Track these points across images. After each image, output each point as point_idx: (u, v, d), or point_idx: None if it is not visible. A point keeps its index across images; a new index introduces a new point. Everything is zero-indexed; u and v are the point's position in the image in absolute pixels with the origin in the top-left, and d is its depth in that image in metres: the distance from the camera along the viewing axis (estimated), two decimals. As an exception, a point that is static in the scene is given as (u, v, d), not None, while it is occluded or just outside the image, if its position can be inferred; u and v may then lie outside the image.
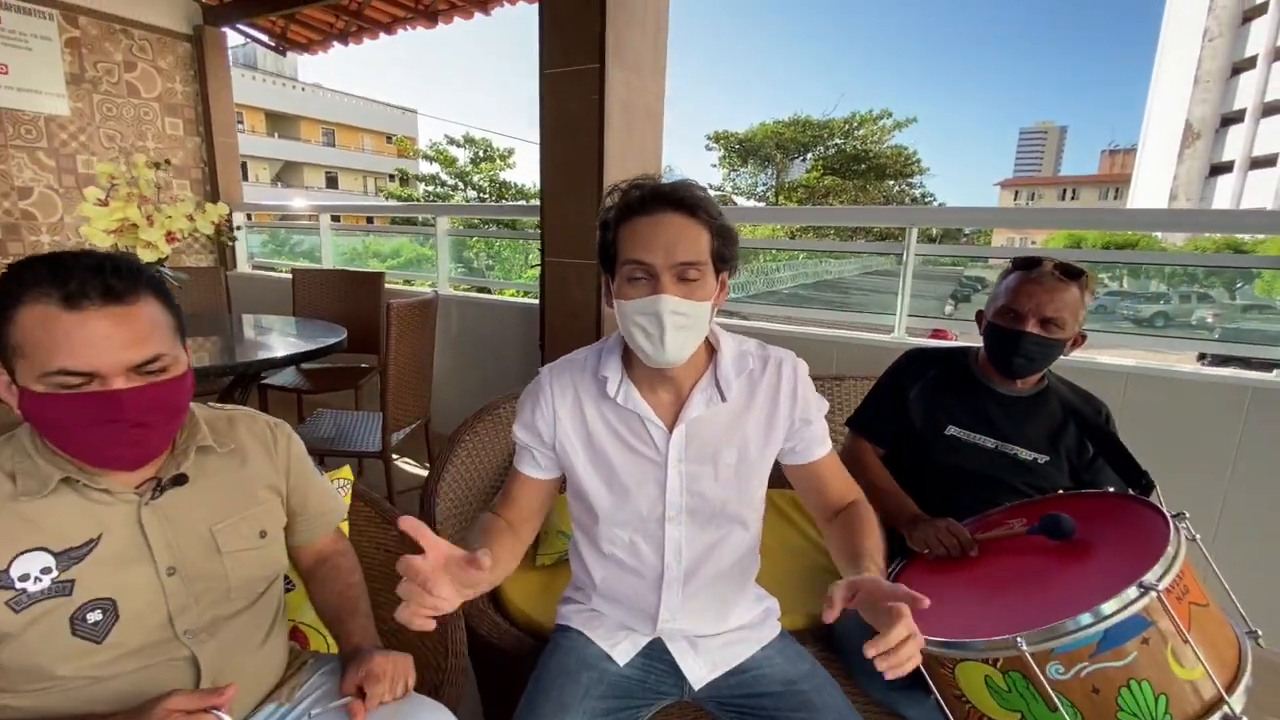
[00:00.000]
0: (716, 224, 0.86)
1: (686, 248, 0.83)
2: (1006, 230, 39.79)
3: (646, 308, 0.83)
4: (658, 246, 0.83)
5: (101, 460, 0.70)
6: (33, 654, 0.67)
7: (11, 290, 0.65)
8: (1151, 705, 0.81)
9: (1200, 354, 4.14)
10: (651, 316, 0.83)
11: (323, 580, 0.96)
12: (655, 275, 0.83)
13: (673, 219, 0.84)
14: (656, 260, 0.82)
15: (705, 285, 0.85)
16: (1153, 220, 2.92)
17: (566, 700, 0.88)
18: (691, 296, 0.83)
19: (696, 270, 0.83)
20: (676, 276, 0.83)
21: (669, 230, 0.83)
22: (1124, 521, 0.99)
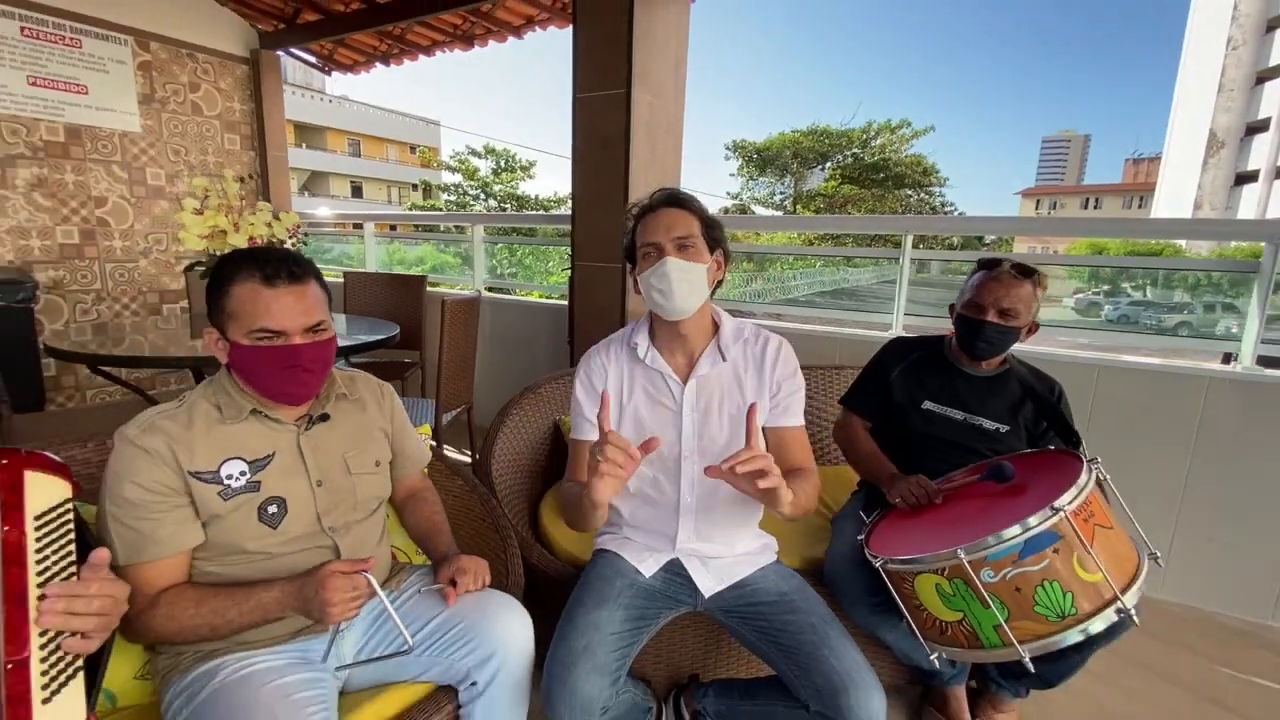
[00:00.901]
0: (702, 215, 1.19)
1: (681, 227, 1.15)
2: (1030, 239, 39.50)
3: (657, 270, 1.13)
4: (661, 230, 1.15)
5: (280, 395, 0.97)
6: (232, 533, 0.94)
7: (227, 273, 0.92)
8: (1060, 600, 1.04)
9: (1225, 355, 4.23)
10: (662, 276, 1.13)
11: (414, 508, 1.23)
12: (662, 249, 1.14)
13: (669, 211, 1.17)
14: (660, 239, 1.14)
15: (700, 253, 1.16)
16: (1114, 229, 3.09)
17: (605, 596, 1.13)
18: (688, 258, 1.14)
19: (690, 241, 1.15)
20: (676, 247, 1.14)
21: (668, 218, 1.16)
22: (1054, 468, 1.21)
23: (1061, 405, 1.51)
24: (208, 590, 0.91)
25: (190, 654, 0.93)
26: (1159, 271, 13.72)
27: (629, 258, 1.23)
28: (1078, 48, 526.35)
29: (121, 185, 3.97)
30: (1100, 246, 21.60)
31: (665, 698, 1.42)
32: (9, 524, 0.70)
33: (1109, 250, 21.56)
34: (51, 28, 3.60)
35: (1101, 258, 4.78)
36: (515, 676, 1.01)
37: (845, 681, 1.03)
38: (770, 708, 1.17)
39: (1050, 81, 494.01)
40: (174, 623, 0.87)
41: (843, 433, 1.67)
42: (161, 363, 2.28)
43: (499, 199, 21.56)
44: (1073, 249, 23.84)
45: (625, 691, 1.15)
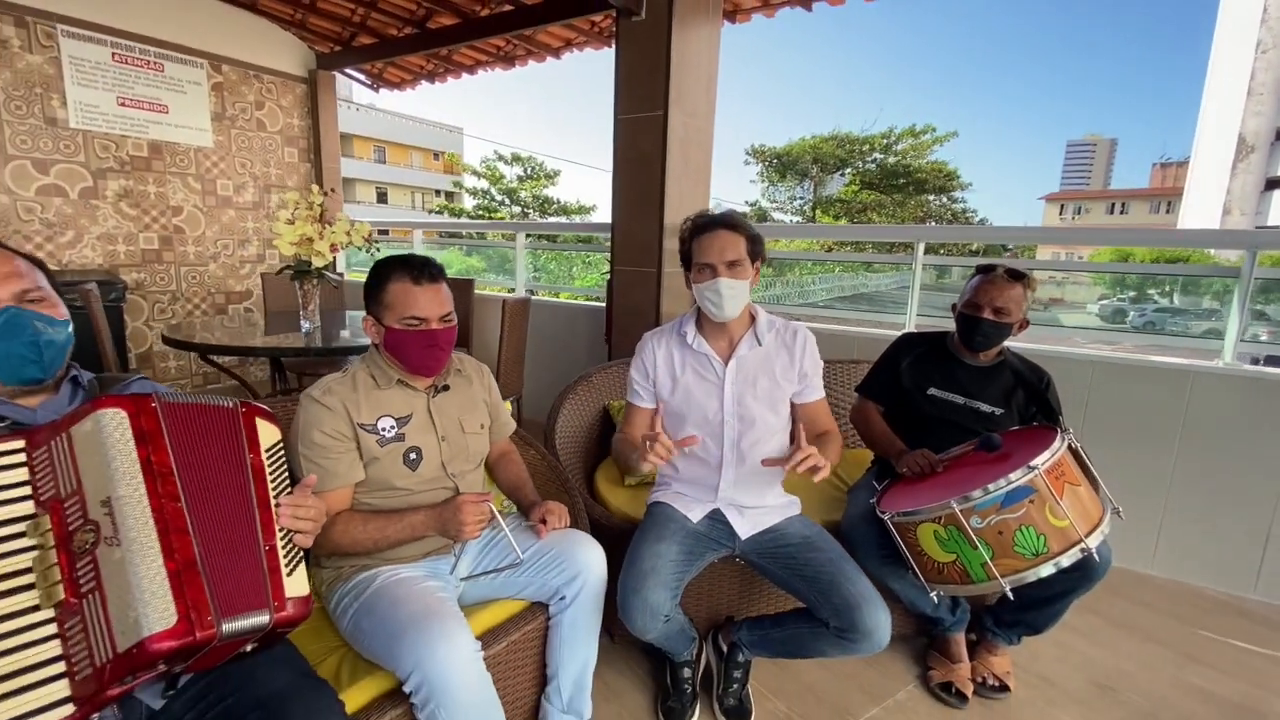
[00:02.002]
0: (749, 234, 1.44)
1: (732, 250, 1.40)
2: (1053, 245, 39.04)
3: (711, 286, 1.39)
4: (714, 252, 1.40)
5: (420, 368, 1.25)
6: (384, 472, 1.22)
7: (384, 274, 1.21)
8: (1035, 541, 1.28)
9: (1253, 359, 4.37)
10: (715, 291, 1.39)
11: (504, 465, 1.51)
12: (715, 270, 1.39)
13: (723, 233, 1.42)
14: (714, 260, 1.39)
15: (745, 270, 1.42)
16: (1101, 238, 3.27)
17: (663, 534, 1.40)
18: (735, 277, 1.40)
19: (739, 263, 1.40)
20: (727, 267, 1.39)
21: (721, 241, 1.40)
22: (1036, 439, 1.45)
23: (1049, 393, 1.74)
24: (371, 514, 1.19)
25: (349, 566, 1.21)
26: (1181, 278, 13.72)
27: (684, 264, 1.50)
28: (1105, 51, 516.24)
29: (195, 195, 4.35)
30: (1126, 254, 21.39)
31: (705, 635, 1.68)
32: (253, 452, 0.99)
33: (1135, 257, 21.35)
34: (138, 53, 3.98)
35: (1093, 263, 4.85)
36: (594, 592, 1.28)
37: (858, 600, 1.28)
38: (796, 630, 1.43)
39: (1076, 85, 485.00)
40: (347, 536, 1.15)
41: (859, 415, 1.91)
42: (253, 352, 2.63)
43: (524, 204, 21.99)
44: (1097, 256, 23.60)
45: (678, 614, 1.41)
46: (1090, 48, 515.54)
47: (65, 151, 3.73)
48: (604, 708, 1.55)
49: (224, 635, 0.82)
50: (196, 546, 0.84)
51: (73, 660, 0.79)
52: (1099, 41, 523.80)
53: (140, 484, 0.84)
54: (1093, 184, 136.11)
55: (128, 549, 0.80)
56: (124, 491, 0.83)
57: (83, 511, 0.83)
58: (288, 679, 0.93)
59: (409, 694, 1.03)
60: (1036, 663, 1.80)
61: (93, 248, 3.94)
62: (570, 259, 9.10)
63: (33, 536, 0.83)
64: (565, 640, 1.27)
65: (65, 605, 0.80)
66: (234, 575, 0.87)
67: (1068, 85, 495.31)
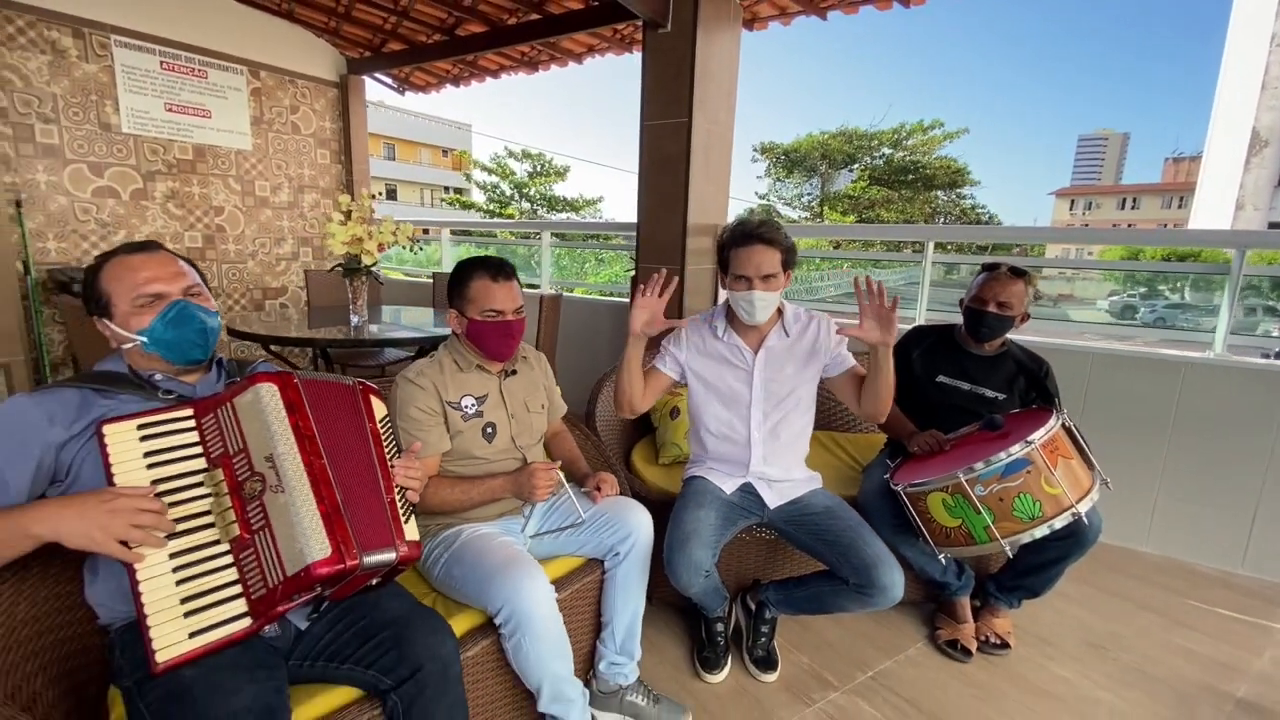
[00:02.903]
0: (784, 246, 1.58)
1: (768, 265, 1.55)
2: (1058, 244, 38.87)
3: (745, 297, 1.55)
4: (751, 266, 1.55)
5: (496, 354, 1.44)
6: (466, 444, 1.41)
7: (467, 271, 1.41)
8: (1032, 506, 1.46)
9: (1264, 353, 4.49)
10: (749, 302, 1.55)
11: (559, 442, 1.70)
12: (751, 283, 1.55)
13: (759, 248, 1.55)
14: (750, 273, 1.55)
15: (778, 282, 1.57)
16: (1096, 237, 3.42)
17: (702, 502, 1.59)
18: (769, 290, 1.55)
19: (774, 277, 1.55)
20: (762, 280, 1.54)
21: (758, 256, 1.55)
22: (1034, 419, 1.63)
23: (1048, 380, 1.91)
24: (457, 479, 1.39)
25: (434, 525, 1.41)
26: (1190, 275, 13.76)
27: (721, 267, 1.66)
28: (1118, 45, 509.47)
29: (235, 196, 4.56)
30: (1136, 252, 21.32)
31: (735, 597, 1.87)
32: (370, 422, 1.18)
33: (1146, 255, 21.24)
34: (184, 61, 4.19)
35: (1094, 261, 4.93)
36: (643, 549, 1.47)
37: (875, 560, 1.47)
38: (818, 589, 1.61)
39: (1089, 79, 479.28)
40: (437, 497, 1.35)
41: (873, 401, 2.09)
42: (313, 343, 2.84)
43: (533, 201, 22.20)
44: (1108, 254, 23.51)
45: (715, 573, 1.60)
46: (1103, 42, 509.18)
47: (118, 155, 3.95)
48: (646, 658, 1.74)
49: (364, 566, 1.01)
50: (339, 494, 1.04)
51: (248, 582, 0.99)
52: (1112, 35, 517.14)
53: (293, 444, 1.04)
54: (1104, 179, 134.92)
55: (290, 495, 1.00)
56: (282, 449, 1.03)
57: (249, 466, 1.03)
58: (408, 606, 1.12)
59: (499, 625, 1.22)
60: (1035, 625, 1.97)
61: (141, 246, 4.16)
62: (583, 257, 9.28)
63: (208, 486, 1.02)
64: (619, 591, 1.46)
65: (240, 540, 1.00)
66: (367, 520, 1.06)
67: (1080, 80, 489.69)
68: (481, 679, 1.26)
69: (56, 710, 0.97)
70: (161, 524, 0.94)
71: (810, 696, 1.64)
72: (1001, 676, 1.74)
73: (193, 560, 0.98)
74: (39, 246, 3.70)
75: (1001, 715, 1.59)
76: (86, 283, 1.10)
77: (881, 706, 1.61)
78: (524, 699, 1.34)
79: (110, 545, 0.89)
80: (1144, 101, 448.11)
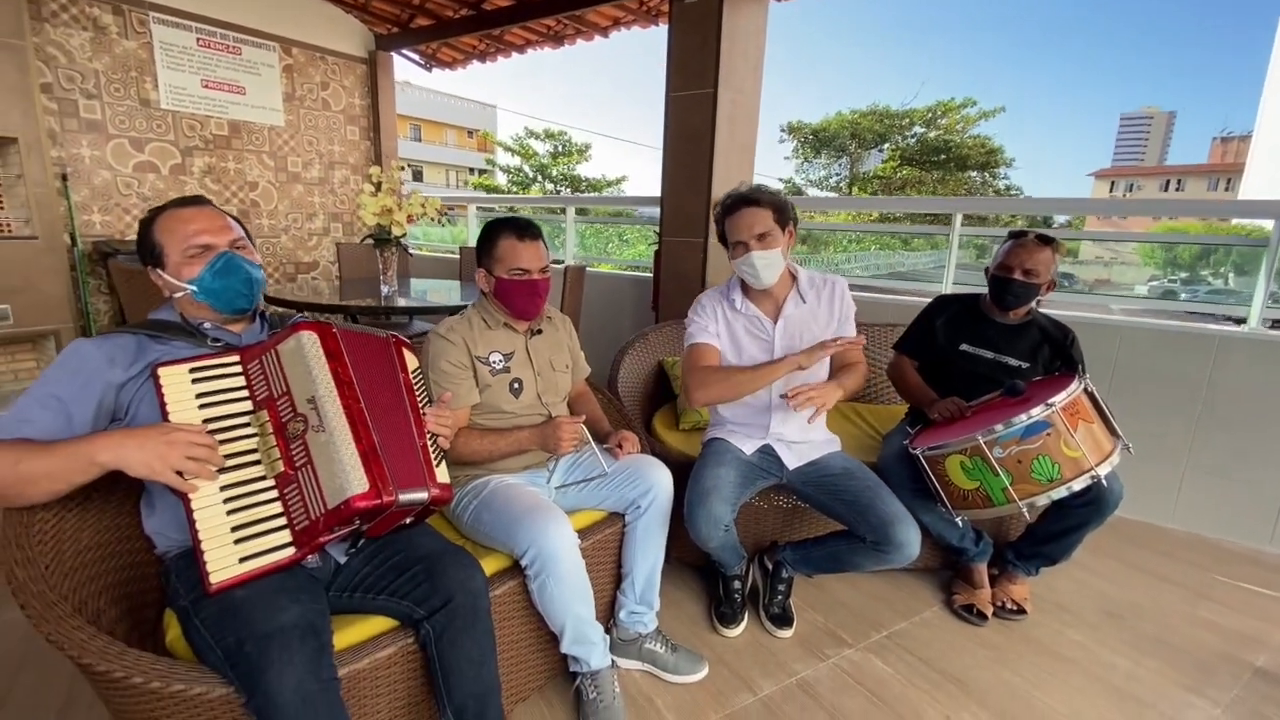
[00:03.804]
0: (774, 203, 1.58)
1: (759, 224, 1.56)
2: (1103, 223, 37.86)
3: (746, 260, 1.57)
4: (743, 230, 1.57)
5: (522, 312, 1.49)
6: (494, 397, 1.47)
7: (495, 231, 1.45)
8: (1050, 469, 1.47)
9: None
10: (750, 264, 1.57)
11: (582, 403, 1.75)
12: (747, 246, 1.56)
13: (747, 211, 1.57)
14: (744, 237, 1.56)
15: (775, 239, 1.57)
16: (1125, 207, 3.31)
17: (722, 461, 1.62)
18: (767, 248, 1.56)
19: (768, 234, 1.56)
20: (757, 240, 1.56)
21: (748, 217, 1.56)
22: (1056, 384, 1.62)
23: (1073, 348, 1.90)
24: (486, 430, 1.45)
25: (464, 475, 1.47)
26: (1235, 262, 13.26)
27: (722, 242, 1.68)
28: (1164, 20, 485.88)
29: (269, 172, 4.67)
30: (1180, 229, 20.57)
31: (752, 558, 1.91)
32: (403, 372, 1.24)
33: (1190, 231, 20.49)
34: (219, 37, 4.28)
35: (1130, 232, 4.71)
36: (663, 505, 1.51)
37: (893, 518, 1.49)
38: (835, 547, 1.65)
39: (1133, 56, 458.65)
40: (468, 447, 1.41)
41: (895, 370, 2.10)
42: (340, 309, 2.92)
43: (555, 181, 22.22)
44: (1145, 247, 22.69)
45: (734, 529, 1.64)
46: (1149, 15, 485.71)
47: (157, 131, 4.07)
48: (665, 613, 1.79)
49: (400, 503, 1.07)
50: (375, 436, 1.10)
51: (292, 515, 1.05)
52: (1158, 8, 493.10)
53: (333, 388, 1.10)
54: (1147, 160, 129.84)
55: (330, 435, 1.06)
56: (323, 393, 1.08)
57: (292, 407, 1.09)
58: (440, 544, 1.19)
59: (525, 566, 1.28)
60: (1053, 593, 1.98)
61: (180, 220, 4.29)
62: (606, 236, 9.28)
63: (254, 426, 1.09)
64: (639, 544, 1.51)
65: (284, 476, 1.06)
66: (401, 460, 1.12)
67: (1124, 56, 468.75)
68: (508, 619, 1.32)
69: (118, 627, 1.05)
70: (213, 458, 1.01)
71: (824, 652, 1.68)
72: (1017, 640, 1.76)
73: (241, 494, 1.04)
74: (84, 219, 3.85)
75: (1016, 675, 1.61)
76: (141, 235, 1.16)
77: (895, 664, 1.64)
78: (548, 640, 1.40)
79: (167, 474, 0.96)
80: (1192, 79, 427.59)
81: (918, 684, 1.57)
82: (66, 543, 1.05)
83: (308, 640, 0.92)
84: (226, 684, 0.92)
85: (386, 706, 1.13)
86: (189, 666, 0.94)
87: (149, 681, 0.89)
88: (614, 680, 1.40)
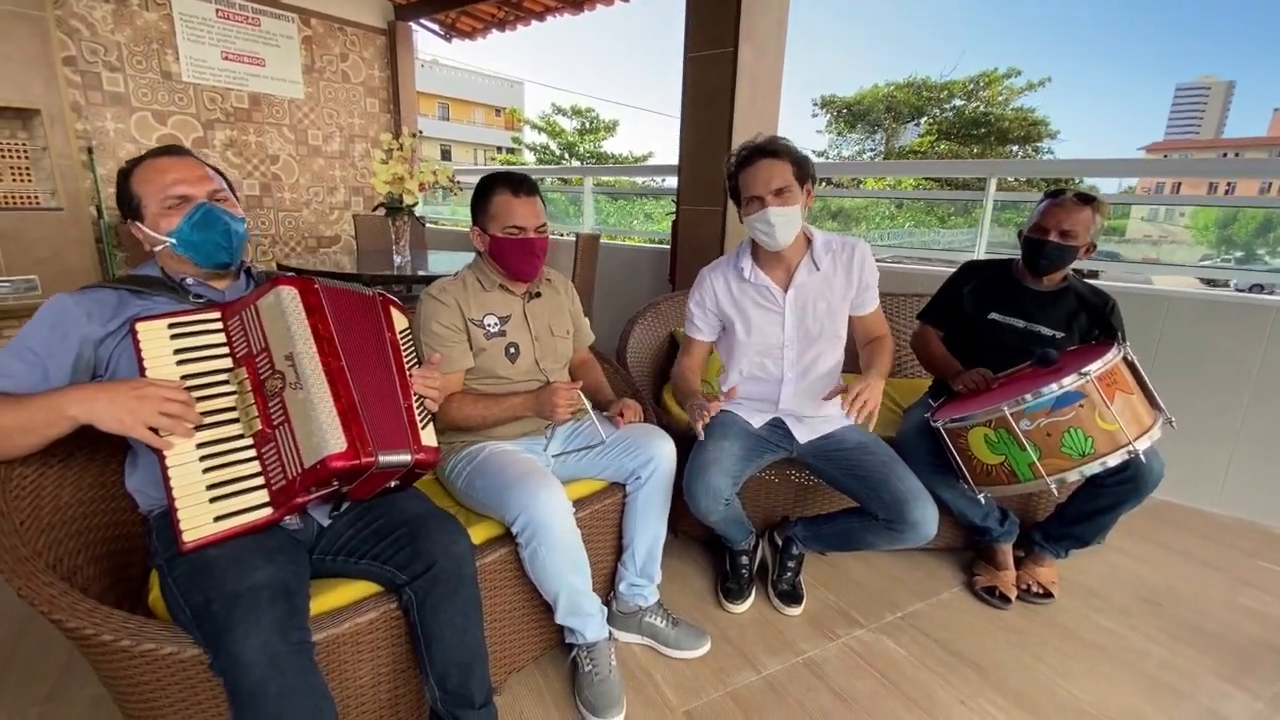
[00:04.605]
0: (794, 156, 1.46)
1: (778, 178, 1.44)
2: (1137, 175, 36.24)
3: (760, 217, 1.46)
4: (760, 183, 1.44)
5: (518, 273, 1.43)
6: (490, 361, 1.42)
7: (489, 187, 1.38)
8: (1083, 443, 1.36)
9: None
10: (765, 222, 1.45)
11: (585, 371, 1.69)
12: (763, 200, 1.45)
13: (765, 162, 1.45)
14: (760, 191, 1.44)
15: (794, 195, 1.45)
16: (1169, 168, 3.06)
17: (726, 434, 1.55)
18: (785, 204, 1.44)
19: (786, 189, 1.44)
20: (774, 195, 1.44)
21: (765, 170, 1.44)
22: (1092, 353, 1.50)
23: (1113, 316, 1.76)
24: (480, 395, 1.40)
25: (460, 441, 1.42)
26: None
27: (734, 198, 1.56)
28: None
29: (290, 145, 4.67)
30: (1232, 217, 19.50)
31: (762, 534, 1.84)
32: (390, 331, 1.19)
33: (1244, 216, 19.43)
34: (237, 9, 4.26)
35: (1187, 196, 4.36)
36: (665, 476, 1.45)
37: (908, 495, 1.41)
38: (847, 524, 1.57)
39: (1190, 22, 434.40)
40: (460, 412, 1.36)
41: (918, 340, 1.98)
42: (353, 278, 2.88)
43: (583, 158, 22.03)
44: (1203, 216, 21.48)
45: (737, 503, 1.57)
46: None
47: (179, 104, 4.09)
48: (670, 586, 1.75)
49: (380, 465, 1.03)
50: (355, 394, 1.05)
51: (269, 474, 1.02)
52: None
53: (312, 344, 1.05)
54: (1203, 133, 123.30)
55: (308, 392, 1.01)
56: (301, 349, 1.04)
57: (271, 364, 1.05)
58: (425, 508, 1.14)
59: (515, 534, 1.23)
60: (1083, 576, 1.87)
61: (204, 194, 4.33)
62: (631, 212, 9.15)
63: (233, 383, 1.05)
64: (640, 515, 1.45)
65: (262, 435, 1.03)
66: (384, 421, 1.07)
67: (1180, 23, 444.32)
68: (501, 587, 1.29)
69: (95, 584, 1.04)
70: (188, 414, 0.97)
71: (834, 631, 1.61)
72: (1041, 624, 1.66)
73: (219, 452, 1.01)
74: (110, 192, 3.90)
75: (1038, 661, 1.52)
76: (119, 186, 1.13)
77: (908, 645, 1.56)
78: (543, 611, 1.36)
79: (139, 429, 0.93)
80: (1253, 46, 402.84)
81: (932, 666, 1.49)
82: (46, 499, 1.03)
83: (278, 602, 0.89)
84: (197, 644, 0.89)
85: (370, 672, 1.11)
86: (161, 626, 0.92)
87: (119, 639, 0.87)
88: (611, 653, 1.36)
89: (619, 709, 1.29)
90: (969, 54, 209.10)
